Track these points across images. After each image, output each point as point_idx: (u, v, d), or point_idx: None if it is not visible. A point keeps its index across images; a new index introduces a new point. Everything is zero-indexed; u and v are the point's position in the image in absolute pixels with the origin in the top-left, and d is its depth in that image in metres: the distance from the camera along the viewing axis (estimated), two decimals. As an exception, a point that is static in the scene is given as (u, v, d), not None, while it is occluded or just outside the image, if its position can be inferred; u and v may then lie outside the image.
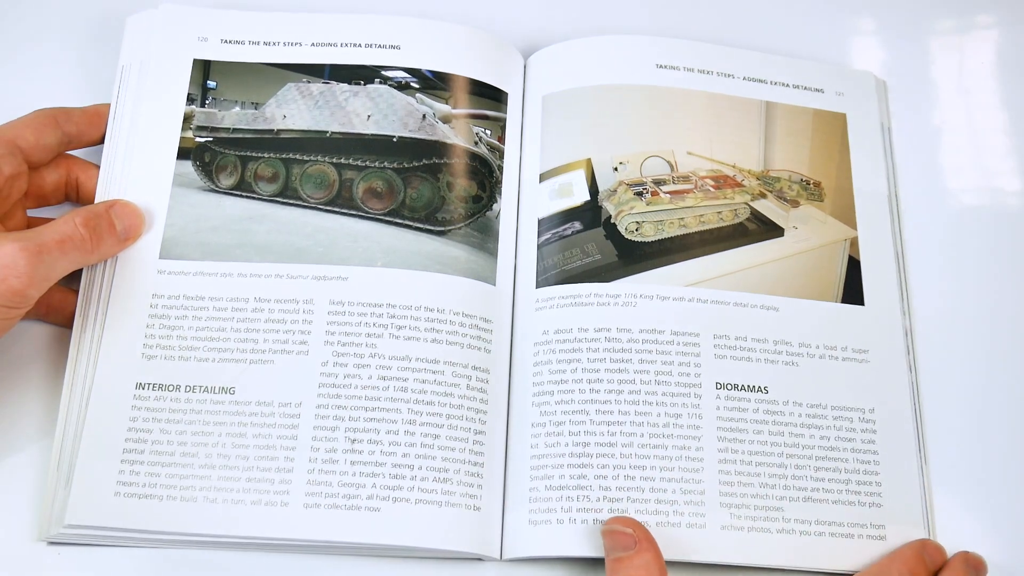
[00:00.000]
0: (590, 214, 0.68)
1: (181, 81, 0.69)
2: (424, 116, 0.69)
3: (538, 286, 0.66)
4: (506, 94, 0.71)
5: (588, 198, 0.69)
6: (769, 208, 0.70)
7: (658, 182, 0.69)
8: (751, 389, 0.63)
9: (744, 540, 0.60)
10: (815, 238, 0.69)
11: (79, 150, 0.67)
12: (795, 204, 0.70)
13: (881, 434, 0.64)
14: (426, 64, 0.70)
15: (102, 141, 0.67)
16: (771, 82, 0.73)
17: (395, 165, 0.68)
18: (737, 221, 0.69)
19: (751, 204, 0.69)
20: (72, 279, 0.63)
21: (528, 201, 0.69)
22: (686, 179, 0.69)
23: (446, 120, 0.69)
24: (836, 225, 0.69)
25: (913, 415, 0.65)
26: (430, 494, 0.60)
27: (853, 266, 0.68)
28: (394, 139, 0.69)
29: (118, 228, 0.63)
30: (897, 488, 0.62)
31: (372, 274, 0.64)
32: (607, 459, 0.61)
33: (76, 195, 0.67)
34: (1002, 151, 0.76)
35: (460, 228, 0.67)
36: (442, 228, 0.67)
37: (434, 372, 0.62)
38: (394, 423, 0.61)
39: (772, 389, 0.64)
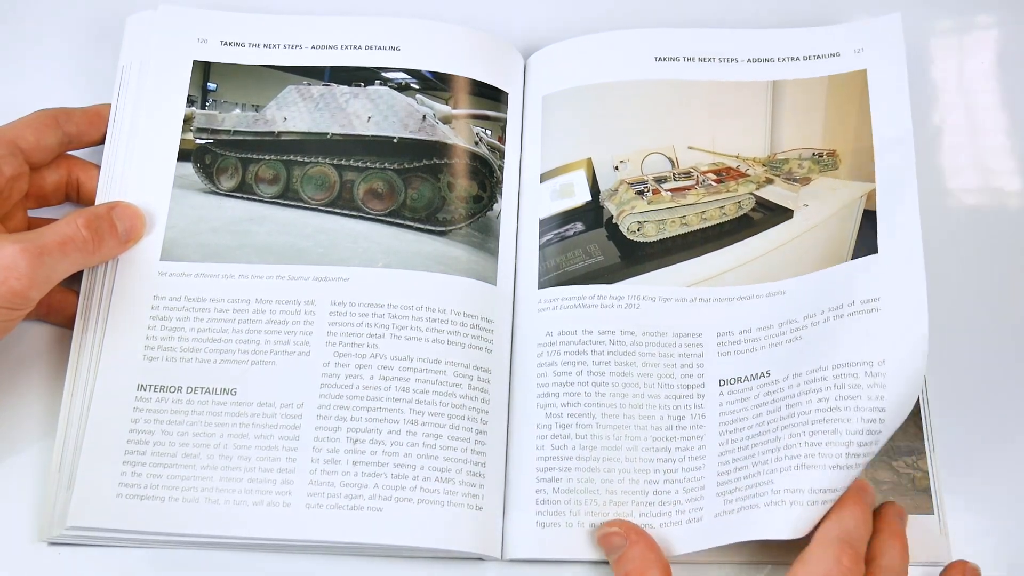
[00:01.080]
0: (592, 214, 0.68)
1: (181, 83, 0.69)
2: (424, 117, 0.69)
3: (540, 287, 0.66)
4: (506, 94, 0.71)
5: (589, 198, 0.68)
6: (776, 193, 0.68)
7: (659, 180, 0.69)
8: (754, 377, 0.62)
9: (734, 522, 0.58)
10: (827, 208, 0.67)
11: (80, 150, 0.67)
12: (806, 181, 0.68)
13: (891, 388, 0.57)
14: (426, 65, 0.70)
15: (103, 141, 0.67)
16: (779, 59, 0.71)
17: (395, 166, 0.68)
18: (741, 213, 0.68)
19: (756, 193, 0.68)
20: (73, 280, 0.63)
21: (529, 201, 0.69)
22: (687, 175, 0.69)
23: (446, 121, 0.69)
24: (851, 186, 0.67)
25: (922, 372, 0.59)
26: (432, 494, 0.60)
27: (869, 220, 0.64)
28: (394, 140, 0.69)
29: (119, 230, 0.63)
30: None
31: (373, 275, 0.64)
32: (613, 463, 0.61)
33: (77, 195, 0.67)
34: (1002, 151, 0.76)
35: (461, 228, 0.67)
36: (443, 228, 0.67)
37: (436, 372, 0.62)
38: (396, 423, 0.61)
39: (774, 371, 0.62)
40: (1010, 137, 0.76)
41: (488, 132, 0.70)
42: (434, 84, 0.70)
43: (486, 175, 0.69)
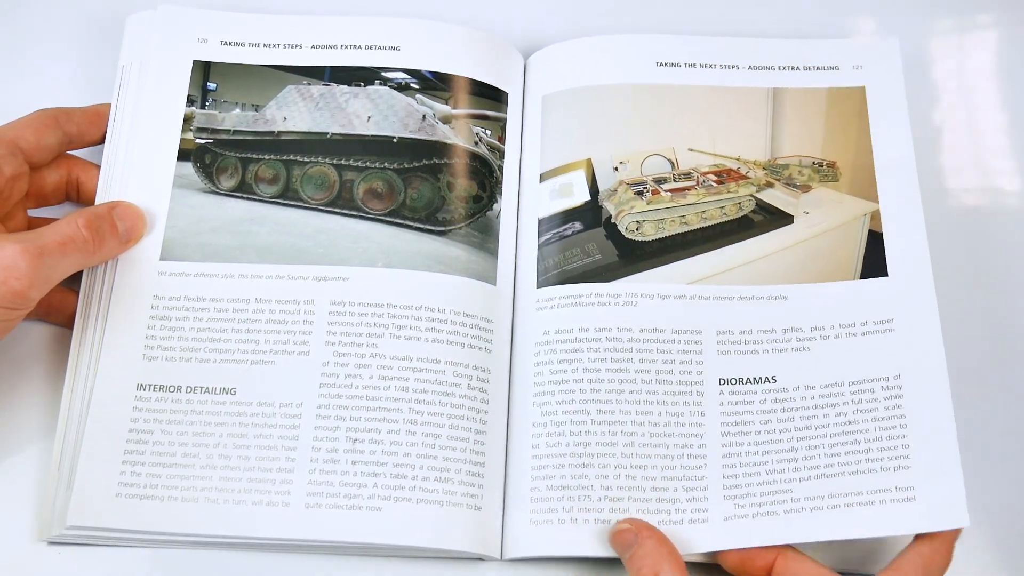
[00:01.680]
0: (590, 214, 0.68)
1: (181, 82, 0.69)
2: (424, 116, 0.69)
3: (539, 286, 0.66)
4: (506, 94, 0.71)
5: (588, 198, 0.69)
6: (777, 197, 0.69)
7: (659, 180, 0.69)
8: (757, 381, 0.63)
9: (749, 526, 0.60)
10: (829, 220, 0.68)
11: (80, 150, 0.67)
12: (806, 189, 0.69)
13: (908, 397, 0.62)
14: (426, 65, 0.70)
15: (103, 141, 0.67)
16: (779, 67, 0.72)
17: (395, 166, 0.68)
18: (741, 214, 0.69)
19: (757, 196, 0.69)
20: (73, 280, 0.63)
21: (528, 201, 0.69)
22: (688, 176, 0.69)
23: (446, 120, 0.69)
24: (854, 202, 0.68)
25: (947, 374, 0.62)
26: (431, 494, 0.60)
27: (874, 240, 0.66)
28: (394, 140, 0.69)
29: (120, 230, 0.63)
30: (927, 446, 0.61)
31: (373, 274, 0.64)
32: (608, 459, 0.61)
33: (77, 195, 0.67)
34: (1002, 151, 0.76)
35: (460, 228, 0.67)
36: (442, 228, 0.67)
37: (435, 372, 0.62)
38: (395, 423, 0.61)
39: (781, 378, 0.63)
40: (1010, 137, 0.76)
41: (488, 132, 0.70)
42: (434, 84, 0.70)
43: (486, 175, 0.69)
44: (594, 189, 0.69)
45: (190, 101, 0.69)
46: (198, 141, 0.68)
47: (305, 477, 0.60)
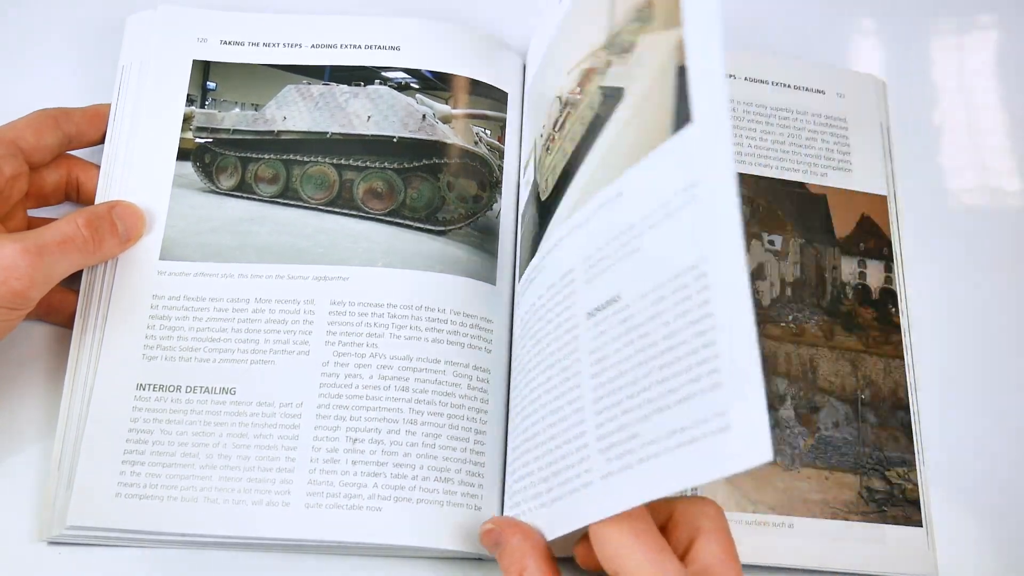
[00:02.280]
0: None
1: (181, 82, 0.69)
2: (424, 116, 0.69)
3: (538, 285, 0.65)
4: (506, 94, 0.71)
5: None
6: (615, 75, 0.56)
7: (555, 127, 0.61)
8: (609, 303, 0.52)
9: (617, 484, 0.50)
10: (647, 74, 0.52)
11: (80, 150, 0.67)
12: (630, 48, 0.53)
13: (716, 290, 0.46)
14: (426, 65, 0.70)
15: (102, 141, 0.67)
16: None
17: (395, 165, 0.68)
18: (593, 114, 0.57)
19: (602, 85, 0.57)
20: (73, 279, 0.63)
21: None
22: (564, 105, 0.60)
23: (446, 120, 0.69)
24: (663, 37, 0.51)
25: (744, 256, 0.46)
26: (431, 494, 0.60)
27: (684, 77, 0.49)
28: (394, 139, 0.69)
29: (120, 229, 0.63)
30: (735, 355, 0.45)
31: (373, 274, 0.64)
32: (553, 442, 0.56)
33: (76, 195, 0.67)
34: (1002, 151, 0.76)
35: (460, 228, 0.67)
36: (442, 228, 0.67)
37: (435, 372, 0.62)
38: (395, 423, 0.61)
39: (624, 293, 0.52)
40: (1010, 137, 0.76)
41: (487, 132, 0.70)
42: (434, 84, 0.70)
43: (486, 175, 0.69)
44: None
45: (190, 101, 0.69)
46: (198, 141, 0.68)
47: (305, 477, 0.60)
